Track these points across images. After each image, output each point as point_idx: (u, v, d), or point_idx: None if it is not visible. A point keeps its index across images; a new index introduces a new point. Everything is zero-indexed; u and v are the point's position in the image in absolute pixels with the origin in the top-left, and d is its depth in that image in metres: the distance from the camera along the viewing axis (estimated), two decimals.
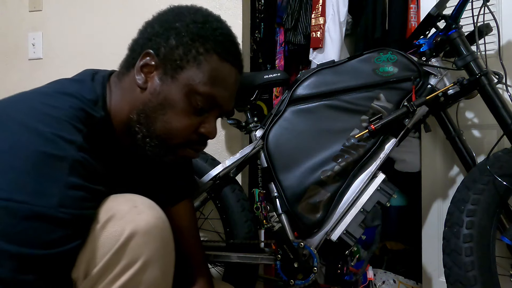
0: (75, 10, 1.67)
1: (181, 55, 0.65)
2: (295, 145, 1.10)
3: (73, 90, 0.63)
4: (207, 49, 0.65)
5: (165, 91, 0.65)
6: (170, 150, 0.68)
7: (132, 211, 0.61)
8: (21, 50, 1.73)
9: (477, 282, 0.88)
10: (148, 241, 0.60)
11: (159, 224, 0.62)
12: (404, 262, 1.62)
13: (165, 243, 0.64)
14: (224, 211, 1.22)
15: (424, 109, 1.12)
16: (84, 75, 0.70)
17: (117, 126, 0.68)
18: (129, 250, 0.58)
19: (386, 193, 1.07)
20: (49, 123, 0.56)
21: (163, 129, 0.66)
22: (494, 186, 0.95)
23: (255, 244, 1.13)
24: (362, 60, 1.12)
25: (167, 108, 0.65)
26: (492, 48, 1.24)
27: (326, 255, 1.09)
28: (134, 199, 0.64)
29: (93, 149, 0.60)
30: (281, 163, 1.10)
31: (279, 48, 1.88)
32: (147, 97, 0.65)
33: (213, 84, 0.66)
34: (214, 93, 0.66)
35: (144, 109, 0.65)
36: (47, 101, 0.60)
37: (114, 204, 0.62)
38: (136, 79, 0.66)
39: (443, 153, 1.36)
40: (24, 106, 0.59)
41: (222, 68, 0.67)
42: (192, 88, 0.65)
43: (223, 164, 1.16)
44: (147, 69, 0.66)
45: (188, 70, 0.65)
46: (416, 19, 1.63)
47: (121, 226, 0.59)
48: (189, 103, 0.65)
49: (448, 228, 0.96)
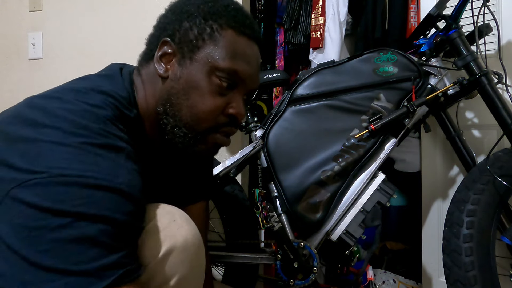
0: (75, 10, 1.67)
1: (196, 35, 0.63)
2: (295, 145, 1.10)
3: (107, 88, 0.61)
4: (221, 25, 0.63)
5: (185, 74, 0.62)
6: (200, 137, 0.65)
7: (171, 225, 0.60)
8: (21, 50, 1.73)
9: (477, 282, 0.88)
10: (185, 259, 0.60)
11: (195, 242, 0.62)
12: (404, 262, 1.62)
13: (199, 261, 0.64)
14: (224, 211, 1.22)
15: (424, 109, 1.12)
16: (112, 70, 0.68)
17: (147, 123, 0.66)
18: (167, 266, 0.58)
19: (386, 193, 1.07)
20: (94, 119, 0.54)
21: (189, 114, 0.63)
22: (494, 186, 0.95)
23: (255, 244, 1.13)
24: (362, 60, 1.12)
25: (190, 91, 0.62)
26: (492, 48, 1.24)
27: (326, 255, 1.09)
28: (172, 212, 0.63)
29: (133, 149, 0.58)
30: (281, 163, 1.10)
31: (279, 48, 1.88)
32: (169, 85, 0.63)
33: (233, 58, 0.63)
34: (235, 67, 0.63)
35: (169, 98, 0.63)
36: (82, 99, 0.57)
37: (154, 214, 0.61)
38: (157, 70, 0.64)
39: (443, 153, 1.36)
40: (60, 103, 0.55)
41: (240, 42, 0.64)
42: (213, 65, 0.62)
43: (223, 164, 1.16)
44: (166, 57, 0.64)
45: (205, 48, 0.62)
46: (416, 19, 1.63)
47: (160, 240, 0.58)
48: (211, 82, 0.62)
49: (448, 228, 0.96)
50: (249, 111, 1.20)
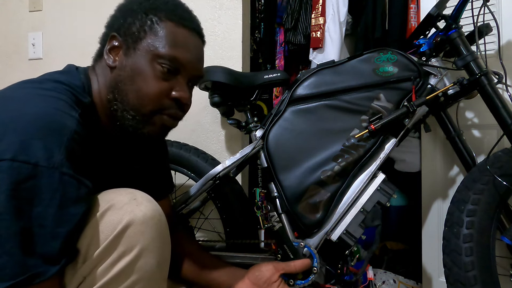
0: (75, 10, 1.67)
1: (138, 28, 0.70)
2: (295, 145, 1.10)
3: (62, 79, 0.68)
4: (160, 18, 0.70)
5: (130, 62, 0.69)
6: (146, 119, 0.70)
7: (131, 203, 0.65)
8: (21, 50, 1.73)
9: (477, 282, 0.88)
10: (144, 231, 0.64)
11: (156, 216, 0.66)
12: (404, 262, 1.62)
13: (161, 234, 0.67)
14: (224, 211, 1.22)
15: (424, 109, 1.12)
16: (68, 68, 0.75)
17: (101, 111, 0.72)
18: (126, 237, 0.62)
19: (386, 193, 1.07)
20: (48, 100, 0.61)
21: (135, 97, 0.69)
22: (494, 186, 0.95)
23: (255, 244, 1.13)
24: (362, 60, 1.12)
25: (135, 77, 0.69)
26: (492, 48, 1.24)
27: (326, 255, 1.09)
28: (133, 192, 0.67)
29: (84, 134, 0.63)
30: (281, 163, 1.10)
31: (279, 48, 1.88)
32: (117, 73, 0.70)
33: (172, 46, 0.69)
34: (175, 54, 0.69)
35: (117, 85, 0.70)
36: (40, 86, 0.65)
37: (114, 195, 0.66)
38: (106, 61, 0.71)
39: (443, 153, 1.36)
40: (20, 92, 0.63)
41: (179, 32, 0.71)
42: (154, 53, 0.69)
43: (223, 164, 1.16)
44: (114, 50, 0.71)
45: (147, 38, 0.69)
46: (416, 19, 1.63)
47: (120, 215, 0.63)
48: (154, 68, 0.69)
49: (448, 228, 0.96)
50: (249, 111, 1.20)
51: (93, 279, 0.61)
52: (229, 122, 1.24)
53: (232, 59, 1.48)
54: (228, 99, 1.19)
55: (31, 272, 0.53)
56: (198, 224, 1.38)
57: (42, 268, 0.54)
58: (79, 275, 0.62)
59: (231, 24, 1.50)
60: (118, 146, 0.78)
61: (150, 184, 0.86)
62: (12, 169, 0.52)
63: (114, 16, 0.75)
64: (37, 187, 0.54)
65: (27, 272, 0.53)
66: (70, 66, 0.76)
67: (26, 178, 0.53)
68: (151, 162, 0.91)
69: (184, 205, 1.17)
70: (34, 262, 0.54)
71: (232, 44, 1.49)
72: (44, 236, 0.54)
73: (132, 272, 0.63)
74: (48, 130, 0.57)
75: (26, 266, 0.53)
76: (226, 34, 1.49)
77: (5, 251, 0.52)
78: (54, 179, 0.55)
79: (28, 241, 0.53)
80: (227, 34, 1.49)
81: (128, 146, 0.82)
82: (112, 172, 0.77)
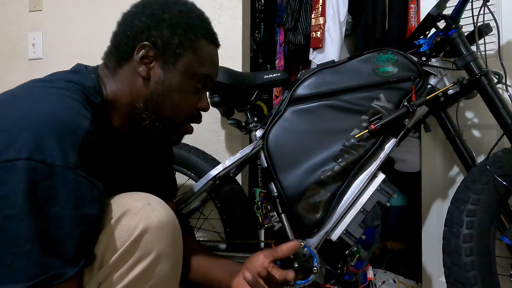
0: (75, 10, 1.67)
1: (177, 45, 0.71)
2: (295, 145, 1.10)
3: (74, 78, 0.68)
4: (198, 36, 0.73)
5: (169, 78, 0.71)
6: (176, 129, 0.76)
7: (146, 208, 0.65)
8: (21, 50, 1.73)
9: (477, 282, 0.88)
10: (160, 237, 0.64)
11: (170, 221, 0.67)
12: (404, 262, 1.62)
13: (175, 239, 0.68)
14: (224, 211, 1.22)
15: (424, 109, 1.12)
16: (78, 67, 0.75)
17: (114, 113, 0.72)
18: (142, 244, 0.62)
19: (386, 193, 1.07)
20: (62, 99, 0.62)
21: (170, 110, 0.72)
22: (494, 186, 0.95)
23: (255, 244, 1.13)
24: (362, 60, 1.12)
25: (173, 92, 0.71)
26: (492, 48, 1.24)
27: (326, 255, 1.09)
28: (147, 197, 0.68)
29: (96, 134, 0.62)
30: (281, 163, 1.10)
31: (279, 48, 1.88)
32: (153, 86, 0.71)
33: (207, 65, 0.74)
34: (208, 73, 0.75)
35: (152, 97, 0.71)
36: (52, 85, 0.65)
37: (129, 199, 0.66)
38: (139, 71, 0.70)
39: (443, 153, 1.36)
40: (32, 91, 0.64)
41: (210, 50, 0.75)
42: (192, 72, 0.72)
43: (223, 164, 1.16)
44: (147, 60, 0.70)
45: (186, 56, 0.71)
46: (416, 19, 1.63)
47: (135, 221, 0.63)
48: (190, 85, 0.73)
49: (448, 228, 0.96)
50: (249, 111, 1.20)
51: (109, 285, 0.61)
52: (229, 122, 1.24)
53: (232, 59, 1.48)
54: (228, 99, 1.19)
55: (50, 273, 0.52)
56: (198, 224, 1.38)
57: (61, 270, 0.54)
58: (95, 281, 0.61)
59: (231, 24, 1.50)
60: (126, 147, 0.78)
61: (157, 186, 0.86)
62: (29, 169, 0.52)
63: (139, 20, 0.71)
64: (53, 187, 0.53)
65: (46, 273, 0.52)
66: (79, 65, 0.76)
67: (43, 178, 0.53)
68: (159, 164, 0.91)
69: (184, 205, 1.17)
70: (53, 263, 0.53)
71: (232, 44, 1.49)
72: (61, 237, 0.54)
73: (147, 278, 0.63)
74: (63, 130, 0.56)
75: (45, 267, 0.52)
76: (226, 34, 1.49)
77: (24, 252, 0.51)
78: (69, 180, 0.55)
79: (46, 242, 0.53)
80: (227, 34, 1.49)
81: (137, 147, 0.82)
82: (120, 172, 0.76)
